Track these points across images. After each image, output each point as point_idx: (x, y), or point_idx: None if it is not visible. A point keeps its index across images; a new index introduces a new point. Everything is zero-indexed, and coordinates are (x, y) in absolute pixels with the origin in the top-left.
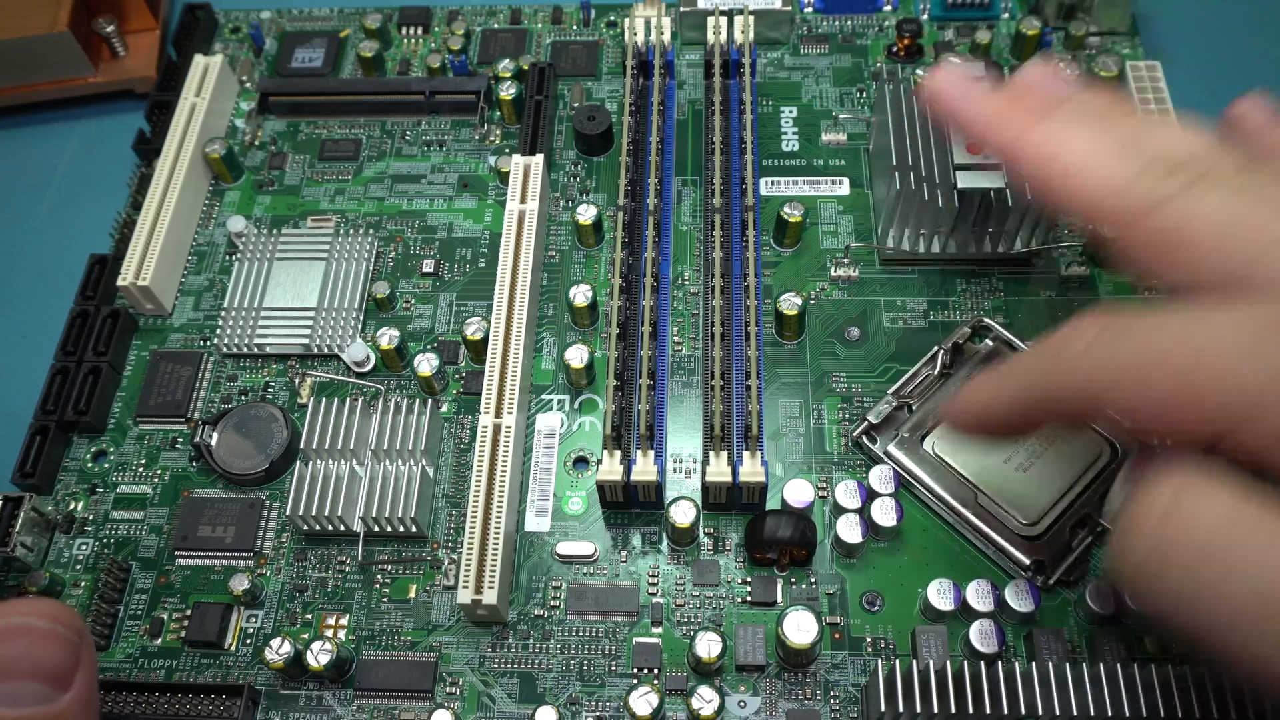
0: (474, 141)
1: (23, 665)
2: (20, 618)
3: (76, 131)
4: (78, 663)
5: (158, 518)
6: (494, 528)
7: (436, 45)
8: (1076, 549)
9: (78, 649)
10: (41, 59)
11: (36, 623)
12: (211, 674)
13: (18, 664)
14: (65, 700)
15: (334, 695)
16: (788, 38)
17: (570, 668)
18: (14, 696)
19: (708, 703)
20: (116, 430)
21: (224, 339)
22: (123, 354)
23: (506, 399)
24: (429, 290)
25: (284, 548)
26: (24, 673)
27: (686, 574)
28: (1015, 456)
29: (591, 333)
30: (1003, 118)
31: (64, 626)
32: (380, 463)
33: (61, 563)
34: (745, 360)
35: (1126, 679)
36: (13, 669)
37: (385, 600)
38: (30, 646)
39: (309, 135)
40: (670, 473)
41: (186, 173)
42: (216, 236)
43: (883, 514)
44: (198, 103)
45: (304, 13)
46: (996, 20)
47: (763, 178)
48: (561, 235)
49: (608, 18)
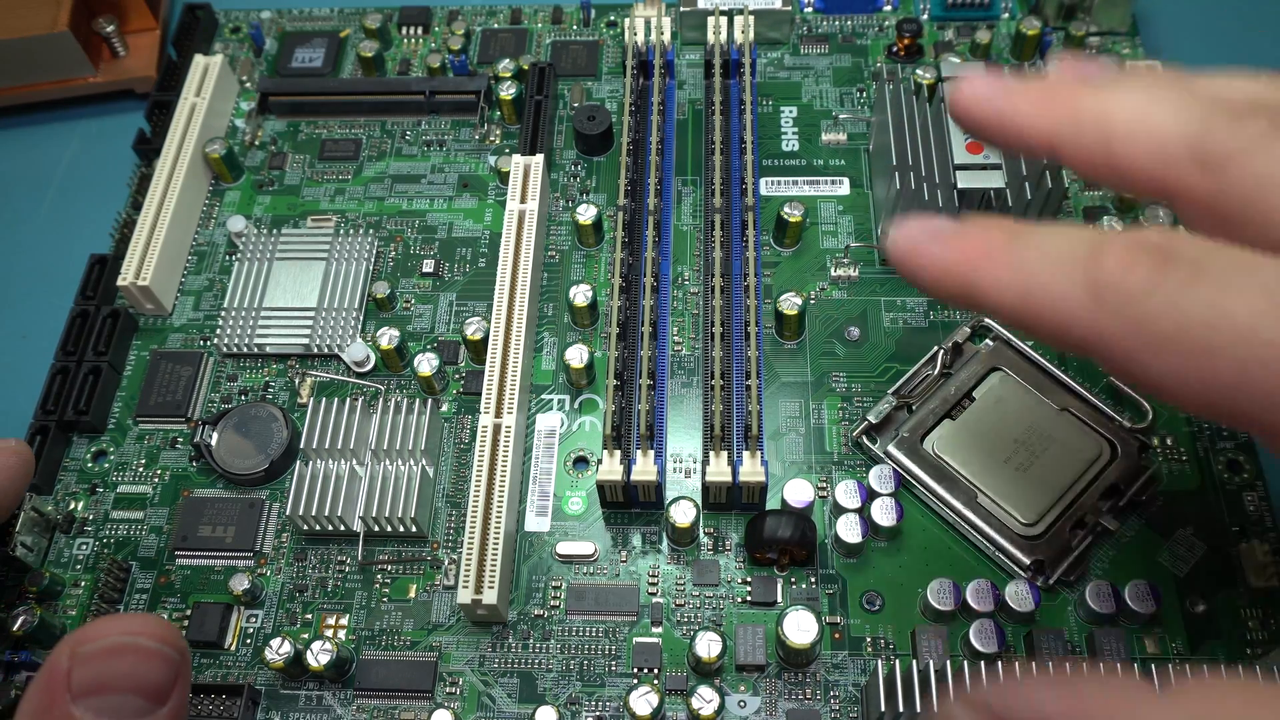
0: (474, 141)
1: (127, 682)
2: (130, 637)
3: (76, 131)
4: (177, 679)
5: (158, 518)
6: (494, 527)
7: (436, 45)
8: (1076, 549)
9: (177, 666)
10: (41, 59)
11: (145, 643)
12: (211, 674)
13: (123, 680)
14: (161, 714)
15: (334, 695)
16: (788, 38)
17: (570, 668)
18: (116, 709)
19: (708, 702)
20: (116, 430)
21: (224, 339)
22: (123, 354)
23: (506, 399)
24: (429, 290)
25: (284, 548)
26: (127, 688)
27: (686, 574)
28: (1015, 456)
29: (591, 332)
30: (1049, 101)
31: (168, 646)
32: (380, 463)
33: (62, 563)
34: (745, 360)
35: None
36: (118, 684)
37: (385, 600)
38: (136, 664)
39: (309, 135)
40: (670, 472)
41: (186, 173)
42: (216, 236)
43: (883, 514)
44: (198, 103)
45: (304, 13)
46: (996, 20)
47: (763, 178)
48: (561, 235)
49: (608, 18)
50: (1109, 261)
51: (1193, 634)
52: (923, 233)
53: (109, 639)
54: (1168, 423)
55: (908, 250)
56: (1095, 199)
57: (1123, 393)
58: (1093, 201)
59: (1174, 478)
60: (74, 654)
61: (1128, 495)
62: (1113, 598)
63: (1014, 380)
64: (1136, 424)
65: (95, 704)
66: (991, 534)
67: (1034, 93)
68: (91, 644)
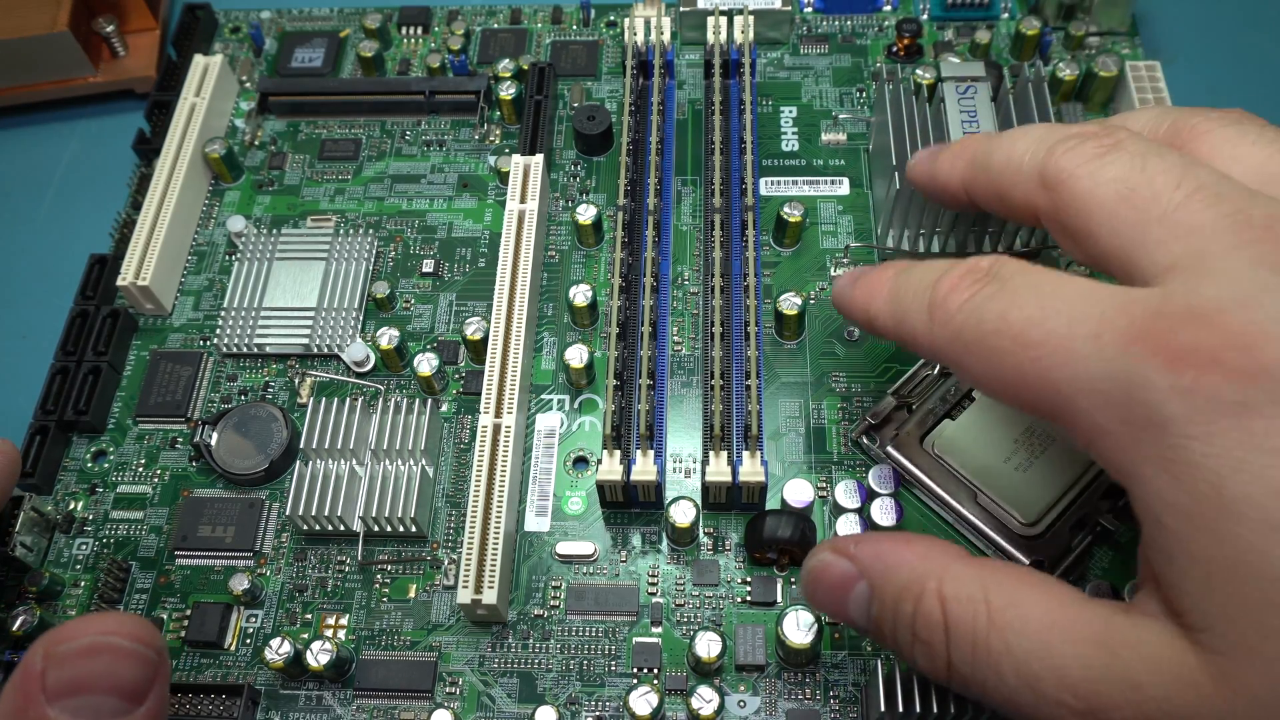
0: (474, 141)
1: (103, 682)
2: (105, 637)
3: (76, 131)
4: (154, 678)
5: (157, 517)
6: (494, 527)
7: (436, 45)
8: (1076, 549)
9: (155, 666)
10: (41, 59)
11: (120, 642)
12: (211, 674)
13: (99, 680)
14: (139, 714)
15: (334, 695)
16: (787, 38)
17: (570, 667)
18: (93, 710)
19: (707, 702)
20: (116, 430)
21: (224, 339)
22: (122, 354)
23: (506, 399)
24: (429, 290)
25: (284, 547)
26: (103, 689)
27: (686, 574)
28: (1015, 456)
29: (591, 332)
30: (957, 155)
31: (144, 645)
32: (380, 463)
33: (61, 562)
34: (745, 360)
35: None
36: (94, 685)
37: (385, 600)
38: (111, 664)
39: (309, 135)
40: (670, 472)
41: (186, 172)
42: (216, 236)
43: (882, 514)
44: (198, 103)
45: (304, 13)
46: (996, 20)
47: (762, 178)
48: (561, 235)
49: (607, 18)
50: (942, 285)
51: None
52: (846, 277)
53: (84, 639)
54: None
55: (836, 294)
56: None
57: None
58: None
59: None
60: (48, 654)
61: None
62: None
63: None
64: None
65: (71, 705)
66: (991, 534)
67: (948, 152)
68: (66, 644)
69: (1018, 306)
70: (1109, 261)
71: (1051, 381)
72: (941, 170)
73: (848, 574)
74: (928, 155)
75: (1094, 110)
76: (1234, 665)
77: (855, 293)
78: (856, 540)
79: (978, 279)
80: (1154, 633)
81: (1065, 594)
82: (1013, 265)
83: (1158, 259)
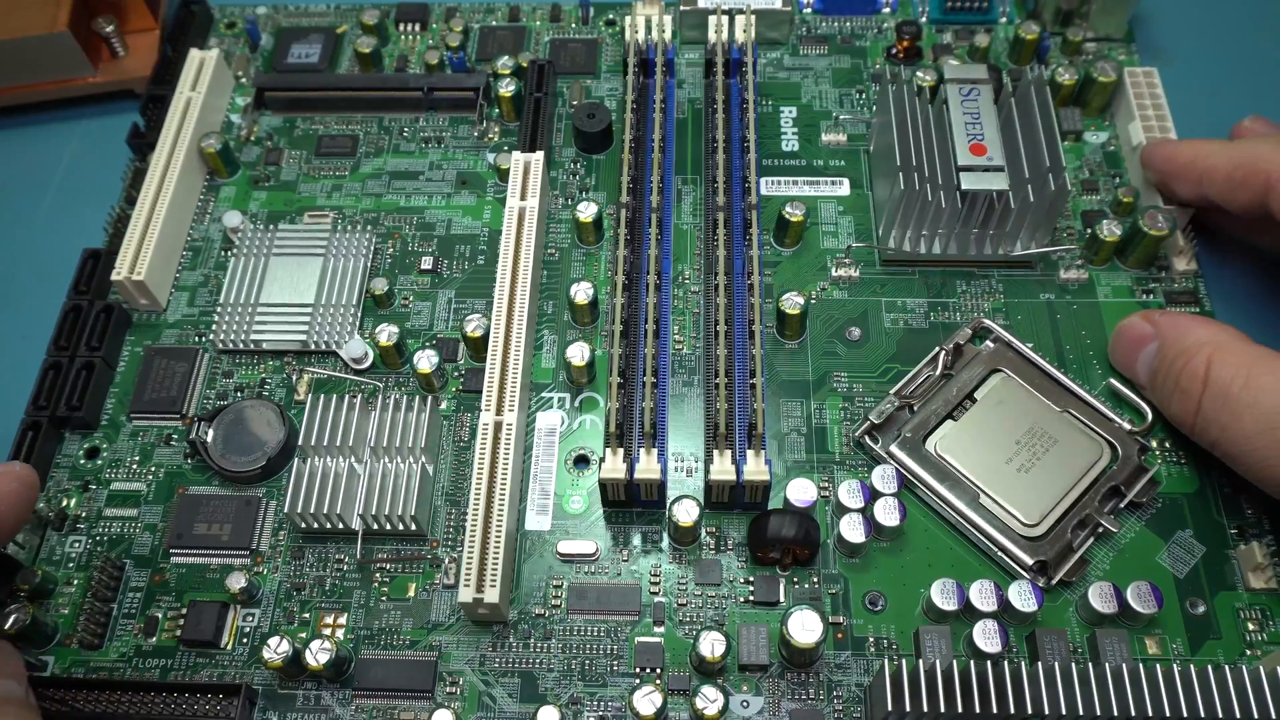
0: (472, 138)
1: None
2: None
3: (76, 131)
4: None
5: (152, 515)
6: (495, 526)
7: (434, 42)
8: (1078, 549)
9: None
10: (41, 59)
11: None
12: (208, 673)
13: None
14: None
15: (332, 695)
16: (787, 38)
17: (572, 667)
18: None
19: (711, 702)
20: (110, 427)
21: (220, 335)
22: (116, 349)
23: (507, 397)
24: (428, 287)
25: (281, 546)
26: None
27: (688, 573)
28: (1017, 457)
29: (591, 330)
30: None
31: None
32: (379, 460)
33: (54, 560)
34: (749, 358)
35: (1131, 677)
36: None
37: (384, 599)
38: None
39: (305, 131)
40: (671, 471)
41: (182, 167)
42: (212, 232)
43: (885, 514)
44: (193, 97)
45: (300, 8)
46: (994, 24)
47: (763, 177)
48: (561, 233)
49: (606, 16)
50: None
51: (1193, 635)
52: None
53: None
54: (1167, 425)
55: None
56: (1093, 203)
57: (1123, 395)
58: (1090, 206)
59: (1173, 480)
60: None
61: (1128, 496)
62: (1115, 598)
63: (1015, 382)
64: (1136, 426)
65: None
66: (994, 534)
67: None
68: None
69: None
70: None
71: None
72: (1209, 156)
73: (1145, 334)
74: (1188, 142)
75: (1092, 115)
76: None
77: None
78: (1161, 312)
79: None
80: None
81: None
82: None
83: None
